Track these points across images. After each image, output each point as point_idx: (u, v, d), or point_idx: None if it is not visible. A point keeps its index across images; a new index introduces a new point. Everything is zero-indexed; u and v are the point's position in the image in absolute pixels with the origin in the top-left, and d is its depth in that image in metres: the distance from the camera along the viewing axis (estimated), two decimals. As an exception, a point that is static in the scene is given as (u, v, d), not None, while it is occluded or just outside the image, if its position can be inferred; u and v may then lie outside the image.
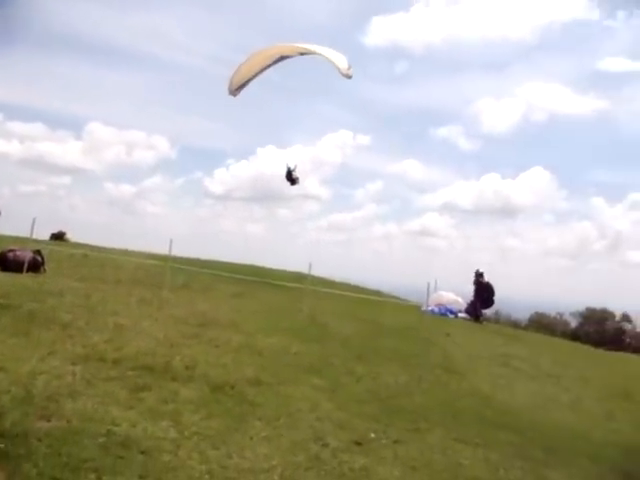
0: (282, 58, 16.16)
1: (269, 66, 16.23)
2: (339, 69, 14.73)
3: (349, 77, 14.75)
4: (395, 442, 7.93)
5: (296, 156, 17.89)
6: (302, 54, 15.88)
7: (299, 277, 26.82)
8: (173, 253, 22.42)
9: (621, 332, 49.34)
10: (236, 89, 16.57)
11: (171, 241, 21.68)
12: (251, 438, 7.09)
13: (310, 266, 21.05)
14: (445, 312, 25.35)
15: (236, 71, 16.45)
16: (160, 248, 27.19)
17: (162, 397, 8.04)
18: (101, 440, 6.19)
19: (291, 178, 16.56)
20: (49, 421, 6.57)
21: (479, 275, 25.99)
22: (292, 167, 16.46)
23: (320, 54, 15.22)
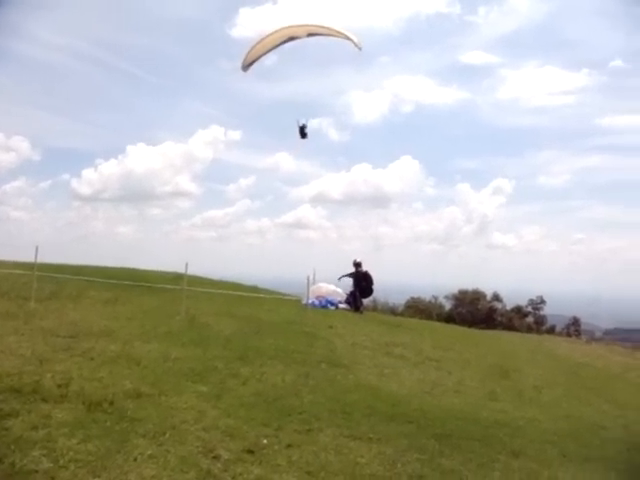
0: (291, 39, 17.46)
1: (277, 46, 17.90)
2: (353, 42, 16.58)
3: (360, 49, 17.01)
4: (288, 446, 7.67)
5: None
6: (310, 35, 17.11)
7: (175, 278, 26.01)
8: (40, 260, 21.11)
9: (492, 311, 51.84)
10: (247, 65, 18.38)
11: (37, 248, 20.38)
12: (135, 459, 6.56)
13: (187, 265, 20.42)
14: (325, 304, 25.35)
15: (249, 50, 18.13)
16: (25, 256, 25.50)
17: (32, 423, 7.25)
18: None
19: (304, 132, 18.82)
20: None
21: (357, 264, 26.19)
22: (305, 122, 18.88)
23: (330, 33, 16.75)
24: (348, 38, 16.91)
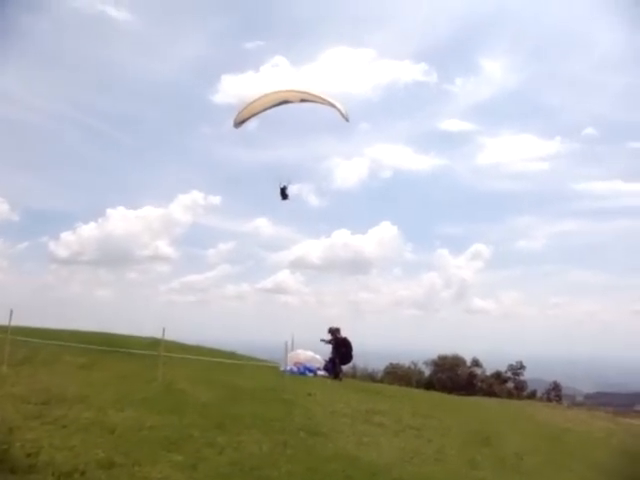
0: (285, 102, 18.58)
1: (271, 107, 18.65)
2: (341, 112, 17.31)
3: (347, 120, 18.05)
4: (264, 519, 7.47)
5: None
6: (303, 101, 17.79)
7: (152, 343, 25.67)
8: (15, 323, 20.75)
9: (472, 377, 51.68)
10: (239, 123, 19.17)
11: (11, 310, 20.08)
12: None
13: (164, 331, 20.20)
14: (304, 371, 25.08)
15: (242, 108, 19.04)
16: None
17: (-2, 495, 7.06)
18: None
19: (285, 194, 19.56)
20: None
21: (335, 331, 26.04)
22: (287, 184, 19.57)
23: (321, 101, 17.44)
24: (337, 108, 17.62)
